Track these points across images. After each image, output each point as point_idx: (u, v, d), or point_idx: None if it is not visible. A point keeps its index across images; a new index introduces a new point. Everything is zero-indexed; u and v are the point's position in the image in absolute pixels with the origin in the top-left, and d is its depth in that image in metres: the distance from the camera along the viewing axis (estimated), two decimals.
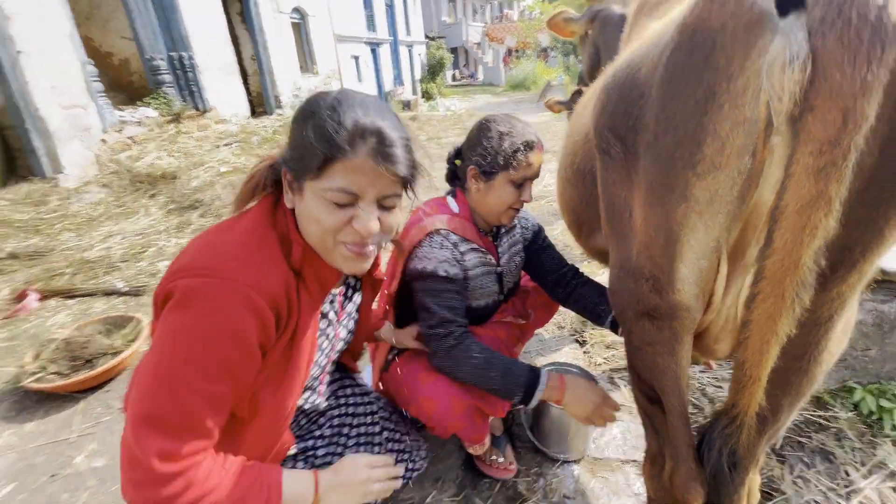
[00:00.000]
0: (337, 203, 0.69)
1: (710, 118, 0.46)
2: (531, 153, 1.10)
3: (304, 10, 8.62)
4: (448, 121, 8.41)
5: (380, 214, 0.73)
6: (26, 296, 2.41)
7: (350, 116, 0.67)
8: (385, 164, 0.68)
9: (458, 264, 1.10)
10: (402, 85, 15.62)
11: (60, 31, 4.17)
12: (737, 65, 0.43)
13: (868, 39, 0.36)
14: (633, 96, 0.56)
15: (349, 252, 0.73)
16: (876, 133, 0.40)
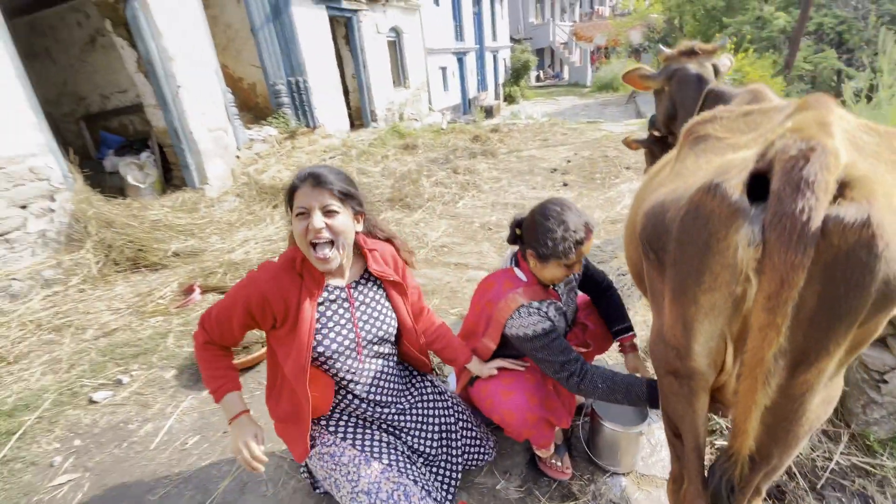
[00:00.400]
0: (298, 216, 1.17)
1: (708, 261, 0.71)
2: (581, 247, 1.32)
3: (400, 29, 9.29)
4: (529, 131, 8.55)
5: (327, 220, 1.17)
6: (193, 290, 3.13)
7: (301, 171, 1.19)
8: (318, 186, 1.16)
9: (547, 318, 1.36)
10: (485, 90, 15.93)
11: (209, 67, 5.10)
12: (722, 234, 0.68)
13: (797, 238, 0.60)
14: (661, 230, 0.81)
15: (316, 256, 1.18)
16: (808, 289, 0.63)
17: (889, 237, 0.61)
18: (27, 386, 2.34)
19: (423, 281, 3.12)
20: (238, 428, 1.22)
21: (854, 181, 0.63)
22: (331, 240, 1.17)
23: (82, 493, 1.70)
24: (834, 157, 0.62)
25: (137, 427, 2.01)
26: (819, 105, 0.75)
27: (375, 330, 1.35)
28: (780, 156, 0.65)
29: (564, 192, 4.86)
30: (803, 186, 0.61)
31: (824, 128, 0.66)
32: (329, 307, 1.29)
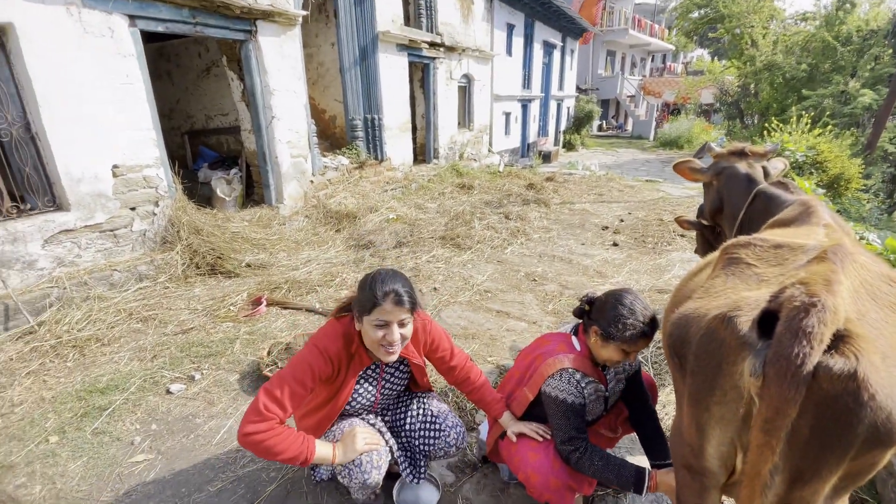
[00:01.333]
0: (377, 326, 1.40)
1: (719, 379, 0.85)
2: (642, 340, 1.43)
3: (472, 76, 9.86)
4: (584, 183, 8.66)
5: (401, 330, 1.43)
6: (261, 302, 3.49)
7: (382, 286, 1.39)
8: (399, 305, 1.38)
9: (581, 395, 1.49)
10: (546, 136, 16.25)
11: (300, 101, 5.71)
12: (731, 360, 0.82)
13: (791, 377, 0.73)
14: (684, 341, 0.95)
15: (384, 350, 1.44)
16: (802, 420, 0.75)
17: (875, 390, 0.73)
18: (117, 369, 2.72)
19: (464, 324, 3.29)
20: (342, 449, 1.50)
21: (849, 336, 0.76)
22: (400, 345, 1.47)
23: (154, 473, 1.97)
24: (832, 314, 0.75)
25: (203, 422, 2.30)
26: (835, 258, 0.88)
27: (392, 394, 1.74)
28: (787, 303, 0.79)
29: (614, 252, 4.91)
30: (801, 335, 0.74)
31: (829, 285, 0.79)
32: (365, 382, 1.64)
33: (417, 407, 1.77)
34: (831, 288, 0.79)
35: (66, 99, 3.49)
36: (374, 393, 1.67)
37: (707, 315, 0.90)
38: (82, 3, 3.49)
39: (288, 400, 1.38)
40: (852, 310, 0.82)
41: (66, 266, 3.62)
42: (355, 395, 1.63)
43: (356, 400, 1.64)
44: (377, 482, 1.54)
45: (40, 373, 2.71)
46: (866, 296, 0.88)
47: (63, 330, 3.09)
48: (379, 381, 1.66)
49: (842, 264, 0.86)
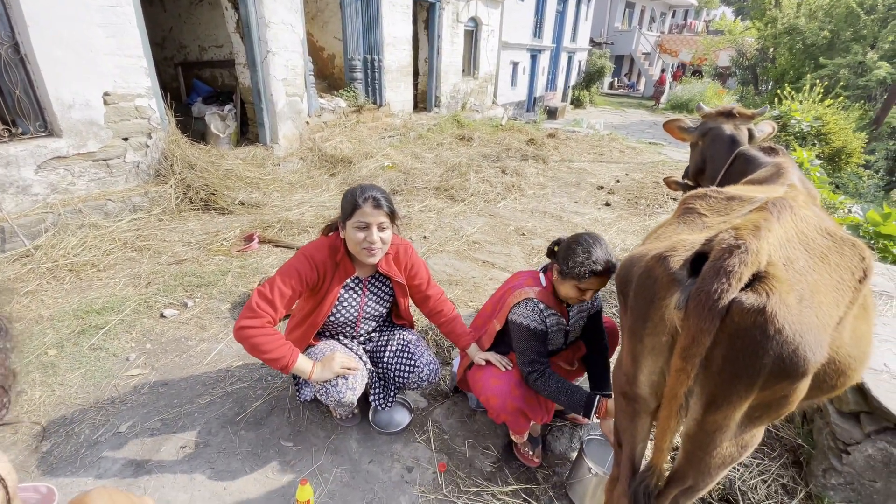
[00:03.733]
0: (358, 228, 1.52)
1: (651, 312, 0.93)
2: (595, 278, 1.52)
3: (479, 20, 9.41)
4: (586, 142, 8.53)
5: (380, 234, 1.54)
6: (253, 238, 3.57)
7: (362, 193, 1.52)
8: (377, 208, 1.51)
9: (543, 323, 1.63)
10: (553, 90, 15.74)
11: (297, 37, 5.50)
12: (662, 294, 0.90)
13: (707, 310, 0.81)
14: (628, 279, 1.04)
15: (366, 252, 1.55)
16: (716, 350, 0.84)
17: (782, 325, 0.81)
18: (113, 293, 2.84)
19: (450, 271, 3.40)
20: (320, 367, 1.60)
21: (767, 277, 0.84)
22: (381, 247, 1.57)
23: (148, 386, 2.13)
24: (753, 256, 0.83)
25: (195, 344, 2.44)
26: (772, 209, 0.94)
27: (374, 312, 1.81)
28: (717, 245, 0.87)
29: (605, 212, 4.96)
30: (722, 273, 0.82)
31: (756, 231, 0.86)
32: (348, 292, 1.72)
33: (397, 342, 1.88)
34: (758, 233, 0.86)
35: (55, 19, 3.37)
36: (356, 307, 1.74)
37: (647, 255, 0.98)
38: None
39: (278, 299, 1.52)
40: (779, 255, 0.89)
41: (60, 193, 3.65)
42: (339, 306, 1.71)
43: (339, 312, 1.72)
44: (352, 402, 1.68)
45: (38, 293, 2.82)
46: (799, 245, 0.95)
47: (59, 254, 3.18)
48: (363, 295, 1.74)
49: (778, 214, 0.93)
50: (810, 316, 0.85)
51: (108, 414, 1.94)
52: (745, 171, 1.92)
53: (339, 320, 1.75)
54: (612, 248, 3.68)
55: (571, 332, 1.77)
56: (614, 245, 4.03)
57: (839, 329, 0.95)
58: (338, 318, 1.74)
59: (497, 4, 10.01)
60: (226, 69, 6.02)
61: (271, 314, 1.51)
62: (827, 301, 0.90)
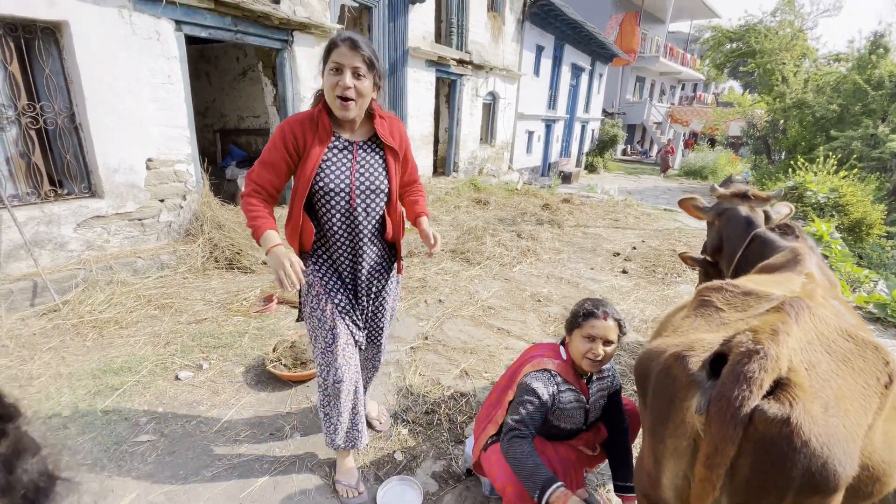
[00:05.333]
0: (331, 70, 1.43)
1: (671, 413, 0.91)
2: (594, 319, 1.57)
3: (497, 94, 10.04)
4: (601, 207, 8.67)
5: (355, 81, 1.43)
6: (272, 300, 3.63)
7: (341, 33, 1.45)
8: (354, 49, 1.41)
9: (552, 396, 1.60)
10: (568, 157, 16.29)
11: None
12: (681, 396, 0.89)
13: (730, 418, 0.79)
14: (645, 376, 1.02)
15: (340, 104, 1.45)
16: (742, 459, 0.81)
17: (808, 437, 0.79)
18: (132, 352, 2.88)
19: (465, 338, 3.37)
20: (276, 254, 1.46)
21: (789, 384, 0.82)
22: (355, 98, 1.45)
23: (156, 454, 2.09)
24: (773, 362, 0.82)
25: (206, 410, 2.42)
26: (789, 310, 0.94)
27: (368, 182, 1.59)
28: (735, 347, 0.86)
29: (622, 280, 4.93)
30: (742, 379, 0.81)
31: (775, 335, 0.86)
32: (335, 153, 1.56)
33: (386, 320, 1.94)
34: (776, 338, 0.85)
35: (110, 94, 3.74)
36: (347, 172, 1.56)
37: (666, 352, 0.97)
38: (133, 7, 3.76)
39: (256, 174, 1.55)
40: (800, 360, 0.88)
41: (94, 250, 3.84)
42: (325, 168, 1.53)
43: (327, 175, 1.53)
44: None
45: (60, 349, 2.89)
46: (820, 347, 0.94)
47: (85, 310, 3.28)
48: (353, 160, 1.56)
49: (796, 316, 0.93)
50: (837, 426, 0.82)
51: (113, 484, 1.90)
52: (762, 254, 1.93)
53: (329, 188, 1.54)
54: (630, 317, 3.62)
55: (591, 410, 1.71)
56: (632, 315, 3.97)
57: (869, 435, 0.91)
58: (327, 185, 1.53)
59: (514, 80, 10.71)
60: (261, 136, 6.47)
61: (255, 187, 1.54)
62: (853, 408, 0.88)
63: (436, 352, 3.14)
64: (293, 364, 2.74)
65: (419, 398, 2.61)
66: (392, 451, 2.21)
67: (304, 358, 2.77)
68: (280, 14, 4.71)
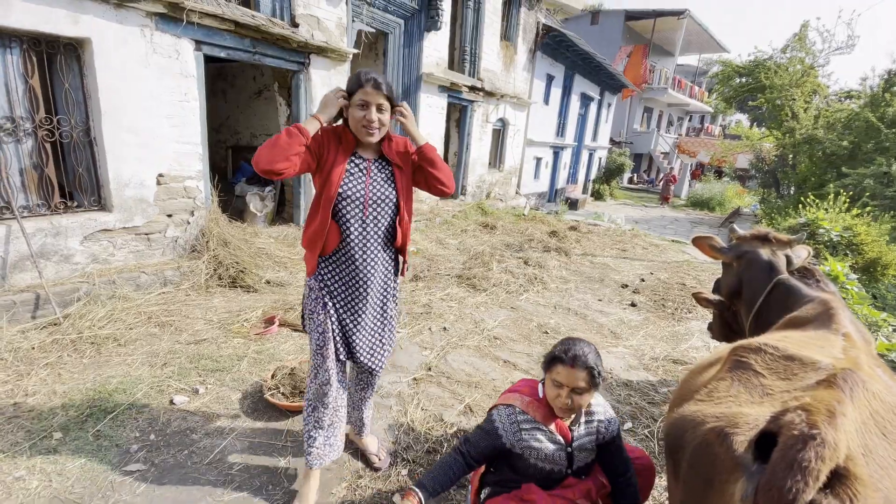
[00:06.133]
0: (359, 106, 1.65)
1: (709, 493, 0.83)
2: (561, 366, 1.51)
3: (507, 120, 10.13)
4: (608, 236, 8.60)
5: (378, 115, 1.66)
6: (273, 321, 3.56)
7: (365, 75, 1.66)
8: (377, 89, 1.64)
9: (509, 433, 1.57)
10: (574, 183, 16.34)
11: None
12: (724, 478, 0.80)
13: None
14: (679, 445, 0.94)
15: (365, 130, 1.67)
16: None
17: None
18: (128, 372, 2.80)
19: (469, 370, 3.26)
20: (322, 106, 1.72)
21: (848, 477, 0.74)
22: (378, 128, 1.69)
23: (145, 486, 1.99)
24: (831, 450, 0.74)
25: (199, 439, 2.32)
26: (844, 386, 0.86)
27: (379, 193, 1.80)
28: (786, 428, 0.78)
29: (631, 313, 4.83)
30: (796, 468, 0.73)
31: (832, 417, 0.78)
32: (353, 170, 1.78)
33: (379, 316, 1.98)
34: (834, 420, 0.77)
35: (126, 109, 3.77)
36: (363, 185, 1.77)
37: (704, 424, 0.89)
38: (155, 26, 3.82)
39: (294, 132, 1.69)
40: (857, 444, 0.80)
41: (99, 263, 3.80)
42: (347, 181, 1.74)
43: (349, 186, 1.75)
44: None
45: (57, 365, 2.82)
46: (875, 429, 0.86)
47: (85, 325, 3.22)
48: (367, 176, 1.78)
49: (851, 393, 0.85)
50: None
51: None
52: (785, 303, 1.84)
53: (349, 195, 1.75)
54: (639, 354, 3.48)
55: (577, 454, 1.61)
56: (642, 352, 3.85)
57: None
58: (347, 192, 1.75)
59: (524, 108, 10.83)
60: None
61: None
62: None
63: (439, 384, 3.04)
64: (291, 393, 2.65)
65: (420, 435, 2.50)
66: (391, 492, 2.10)
67: (303, 387, 2.68)
68: (298, 37, 4.79)
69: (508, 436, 1.56)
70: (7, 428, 2.25)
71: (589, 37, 18.82)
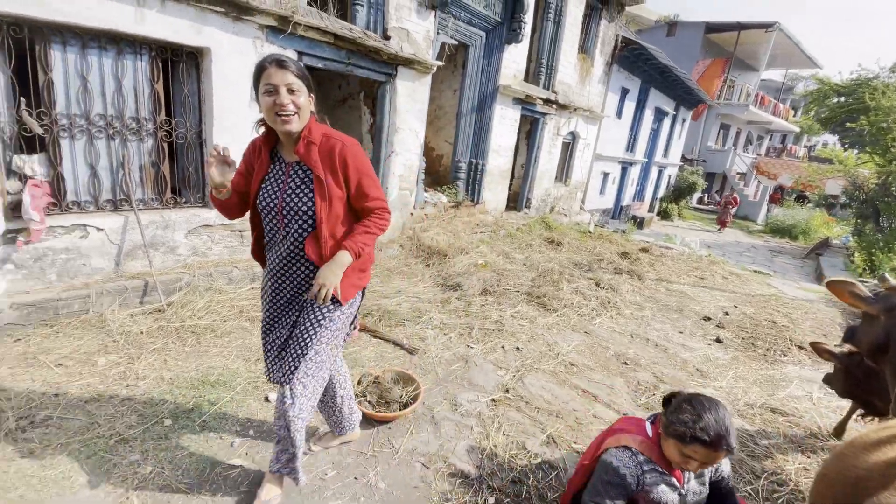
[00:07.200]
0: (266, 92, 1.46)
1: None
2: (699, 446, 1.35)
3: (577, 133, 9.88)
4: (683, 261, 8.11)
5: (291, 97, 1.46)
6: (356, 326, 3.63)
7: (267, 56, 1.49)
8: (282, 68, 1.45)
9: (635, 476, 1.46)
10: (641, 201, 15.65)
11: (418, 141, 6.07)
12: None
13: None
14: None
15: (280, 120, 1.47)
16: None
17: None
18: (226, 364, 2.95)
19: (548, 397, 3.15)
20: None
21: None
22: (294, 112, 1.48)
23: (247, 482, 2.07)
24: None
25: None
26: None
27: (292, 203, 1.61)
28: None
29: (717, 350, 4.48)
30: None
31: None
32: (272, 175, 1.65)
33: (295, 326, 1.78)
34: None
35: (233, 114, 4.03)
36: (278, 192, 1.62)
37: None
38: (266, 38, 4.07)
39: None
40: None
41: (198, 256, 4.08)
42: (265, 186, 1.64)
43: (265, 192, 1.63)
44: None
45: (163, 352, 3.03)
46: None
47: (186, 314, 3.45)
48: (285, 181, 1.61)
49: None
50: None
51: None
52: None
53: (264, 204, 1.63)
54: (730, 398, 3.23)
55: (689, 496, 1.52)
56: (735, 396, 3.55)
57: None
58: (262, 201, 1.64)
59: (595, 121, 10.52)
60: None
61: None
62: None
63: (518, 409, 2.96)
64: (378, 402, 2.68)
65: (504, 463, 2.43)
66: None
67: (389, 397, 2.70)
68: (389, 50, 4.92)
69: (634, 479, 1.48)
70: (121, 410, 2.43)
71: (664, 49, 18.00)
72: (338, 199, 1.59)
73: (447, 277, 5.14)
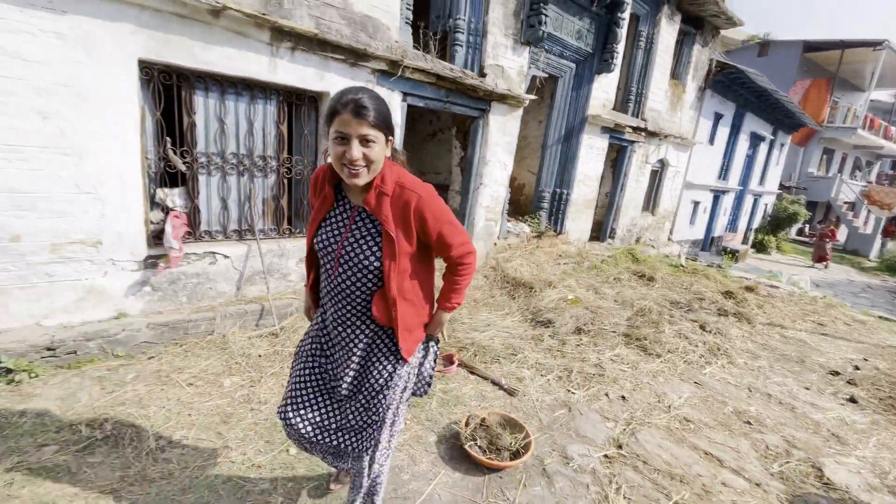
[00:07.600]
0: (337, 139, 1.30)
1: None
2: None
3: (667, 161, 9.40)
4: (794, 303, 7.26)
5: (363, 149, 1.29)
6: (453, 361, 3.63)
7: (344, 94, 1.28)
8: (358, 117, 1.26)
9: None
10: (733, 232, 14.43)
11: (505, 173, 6.10)
12: None
13: None
14: None
15: (347, 172, 1.32)
16: None
17: None
18: None
19: (667, 457, 2.88)
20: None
21: None
22: (365, 166, 1.32)
23: None
24: None
25: (407, 480, 2.37)
26: None
27: (353, 254, 1.44)
28: None
29: (852, 411, 3.89)
30: None
31: None
32: (334, 216, 1.51)
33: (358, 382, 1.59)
34: None
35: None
36: (338, 237, 1.47)
37: None
38: (377, 82, 4.33)
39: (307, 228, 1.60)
40: None
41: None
42: (324, 226, 1.50)
43: (323, 232, 1.50)
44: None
45: (280, 376, 3.20)
46: None
47: (297, 339, 3.64)
48: (348, 226, 1.46)
49: None
50: None
51: None
52: None
53: (321, 246, 1.50)
54: (875, 471, 2.75)
55: None
56: (882, 469, 3.02)
57: None
58: (320, 243, 1.50)
59: (686, 148, 9.96)
60: (440, 192, 6.92)
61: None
62: None
63: (636, 469, 2.73)
64: (488, 447, 2.60)
65: None
66: None
67: (500, 444, 2.61)
68: (485, 86, 5.04)
69: None
70: (249, 434, 2.57)
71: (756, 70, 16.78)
72: (405, 255, 1.44)
73: (536, 312, 5.00)
